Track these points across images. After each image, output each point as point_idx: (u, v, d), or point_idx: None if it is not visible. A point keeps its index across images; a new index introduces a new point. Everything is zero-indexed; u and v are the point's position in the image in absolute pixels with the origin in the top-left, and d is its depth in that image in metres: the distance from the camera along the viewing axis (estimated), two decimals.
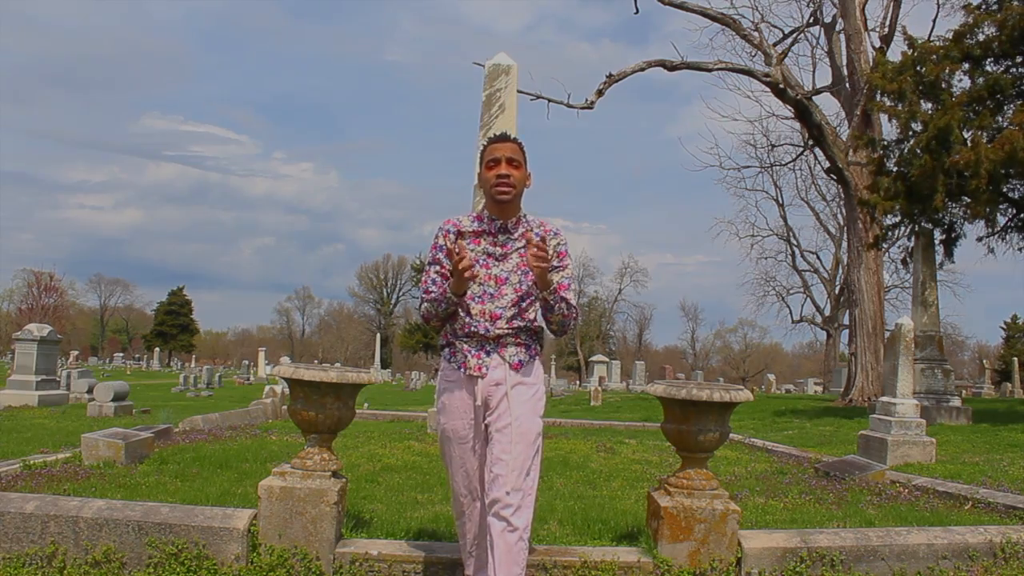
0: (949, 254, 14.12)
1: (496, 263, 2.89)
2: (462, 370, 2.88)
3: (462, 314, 2.89)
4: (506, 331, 2.86)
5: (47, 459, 6.05)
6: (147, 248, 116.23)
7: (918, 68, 12.68)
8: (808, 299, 42.96)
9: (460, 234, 2.90)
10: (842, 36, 19.05)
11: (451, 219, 2.97)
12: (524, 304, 2.90)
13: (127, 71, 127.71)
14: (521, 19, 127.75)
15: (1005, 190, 12.43)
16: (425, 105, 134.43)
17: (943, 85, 12.56)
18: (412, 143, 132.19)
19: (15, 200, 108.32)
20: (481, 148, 2.91)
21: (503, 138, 2.90)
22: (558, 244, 2.95)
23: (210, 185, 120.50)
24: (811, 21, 20.44)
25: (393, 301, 75.05)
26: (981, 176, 11.06)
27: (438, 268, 2.92)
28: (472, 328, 2.86)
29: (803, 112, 18.43)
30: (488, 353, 2.86)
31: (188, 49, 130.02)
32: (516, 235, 2.90)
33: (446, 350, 2.98)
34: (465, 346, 2.88)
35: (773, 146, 32.01)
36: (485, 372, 2.84)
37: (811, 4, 20.30)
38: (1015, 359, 30.95)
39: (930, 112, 12.58)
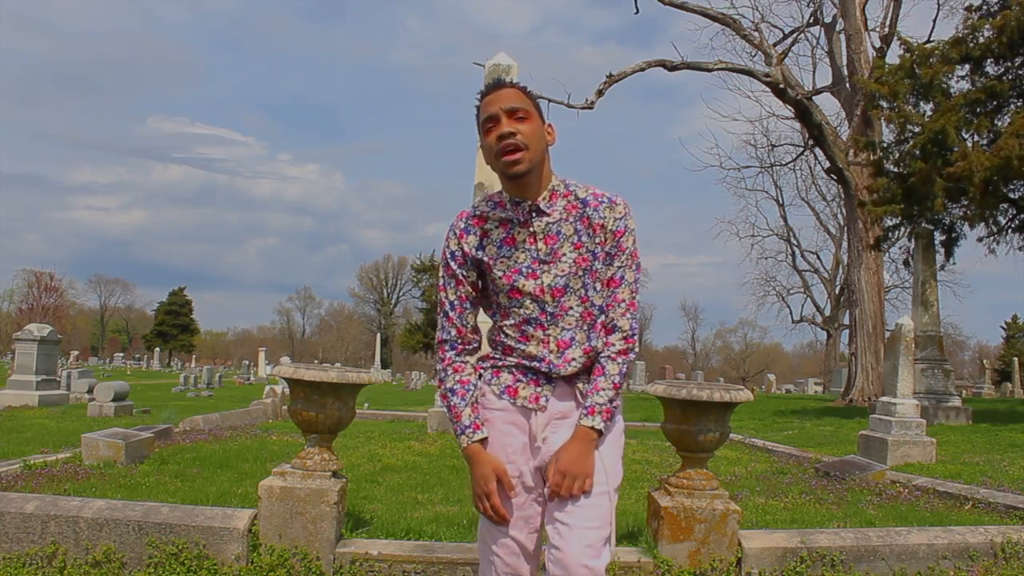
0: (949, 255, 14.14)
1: (544, 267, 1.96)
2: (507, 397, 2.00)
3: (511, 340, 2.01)
4: (582, 366, 1.99)
5: (47, 459, 6.05)
6: (152, 249, 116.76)
7: (915, 70, 12.70)
8: (808, 299, 43.03)
9: (482, 219, 2.02)
10: (842, 36, 19.06)
11: (464, 211, 2.07)
12: (597, 318, 2.01)
13: (136, 73, 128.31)
14: (527, 21, 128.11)
15: (1006, 191, 12.43)
16: (431, 107, 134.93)
17: (943, 87, 12.56)
18: (417, 145, 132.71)
19: (22, 201, 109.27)
20: (476, 111, 2.01)
21: (496, 85, 1.97)
22: (616, 221, 1.99)
23: (216, 187, 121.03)
24: (811, 21, 20.47)
25: (393, 301, 75.08)
26: (975, 185, 11.08)
27: (455, 287, 2.03)
28: (532, 364, 1.99)
29: (803, 112, 18.43)
30: (549, 381, 2.00)
31: (196, 51, 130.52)
32: (558, 216, 1.97)
33: (490, 368, 2.08)
34: (512, 373, 2.02)
35: (773, 146, 32.13)
36: (544, 404, 1.98)
37: (811, 4, 20.34)
38: (1015, 359, 31.00)
39: (927, 115, 12.60)
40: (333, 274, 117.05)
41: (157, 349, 65.14)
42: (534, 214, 1.97)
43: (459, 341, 2.05)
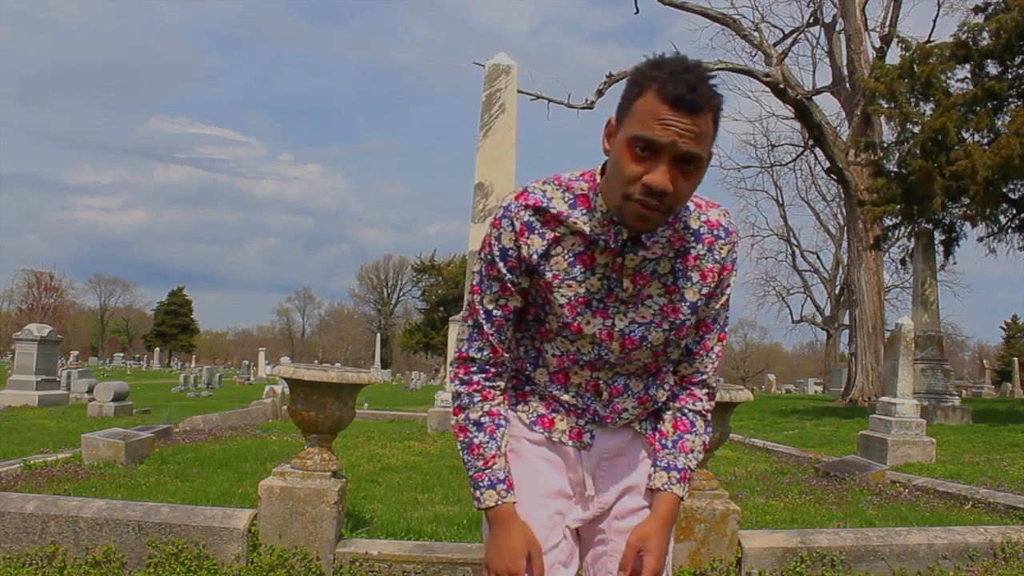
0: (949, 254, 14.15)
1: (620, 307, 1.48)
2: (540, 429, 1.57)
3: (543, 376, 1.57)
4: (634, 418, 1.59)
5: (47, 459, 6.06)
6: (152, 249, 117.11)
7: (914, 69, 12.71)
8: (808, 299, 43.02)
9: (556, 219, 1.44)
10: (842, 36, 19.07)
11: (528, 194, 1.46)
12: (663, 367, 1.59)
13: (136, 73, 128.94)
14: (527, 21, 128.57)
15: (1005, 191, 12.44)
16: (431, 107, 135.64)
17: (942, 86, 12.57)
18: (417, 144, 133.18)
19: (24, 201, 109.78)
20: (631, 93, 1.34)
21: (692, 106, 1.28)
22: (725, 258, 1.50)
23: (218, 187, 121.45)
24: (811, 21, 20.49)
25: (393, 301, 75.08)
26: (978, 183, 11.09)
27: (498, 293, 1.50)
28: (582, 406, 1.56)
29: (803, 112, 18.44)
30: (595, 419, 1.57)
31: (196, 52, 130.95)
32: (659, 251, 1.46)
33: (512, 390, 1.62)
34: (545, 401, 1.58)
35: (773, 146, 32.18)
36: (589, 441, 1.57)
37: (811, 4, 20.35)
38: (1015, 359, 31.02)
39: (927, 114, 12.62)
40: (333, 274, 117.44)
41: (157, 349, 65.13)
42: (629, 242, 1.44)
43: (491, 363, 1.54)
